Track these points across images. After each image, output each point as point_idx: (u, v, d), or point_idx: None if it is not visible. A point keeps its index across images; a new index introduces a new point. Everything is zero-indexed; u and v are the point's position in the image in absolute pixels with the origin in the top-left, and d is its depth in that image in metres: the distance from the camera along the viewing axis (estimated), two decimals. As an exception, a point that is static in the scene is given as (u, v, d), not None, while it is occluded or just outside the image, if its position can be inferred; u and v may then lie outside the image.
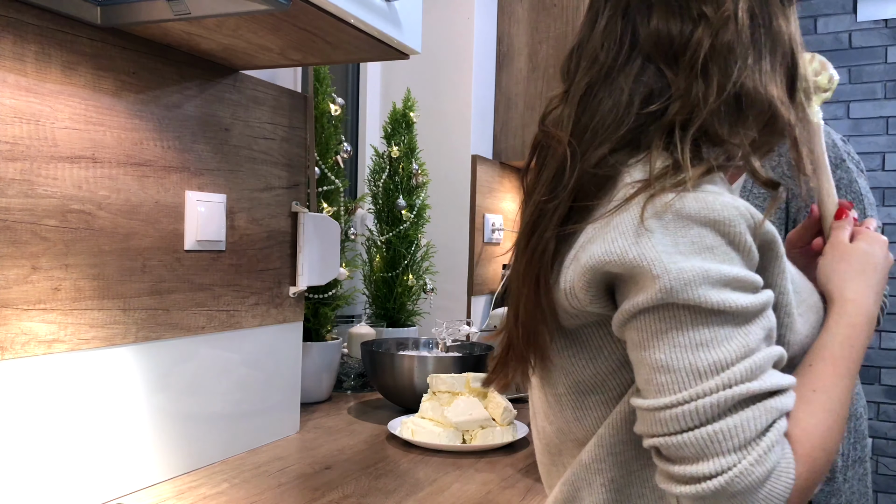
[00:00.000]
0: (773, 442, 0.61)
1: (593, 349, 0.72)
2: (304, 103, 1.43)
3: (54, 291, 0.94)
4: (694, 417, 0.61)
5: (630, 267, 0.64)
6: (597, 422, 0.73)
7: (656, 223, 0.64)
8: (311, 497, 1.08)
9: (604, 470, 0.72)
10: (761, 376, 0.62)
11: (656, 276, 0.62)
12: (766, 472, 0.60)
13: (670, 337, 0.63)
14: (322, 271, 1.46)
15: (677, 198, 0.64)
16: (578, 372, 0.73)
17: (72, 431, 0.97)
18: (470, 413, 1.37)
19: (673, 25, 0.72)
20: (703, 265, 0.62)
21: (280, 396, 1.39)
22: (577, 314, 0.70)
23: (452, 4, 2.33)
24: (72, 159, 0.96)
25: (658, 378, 0.63)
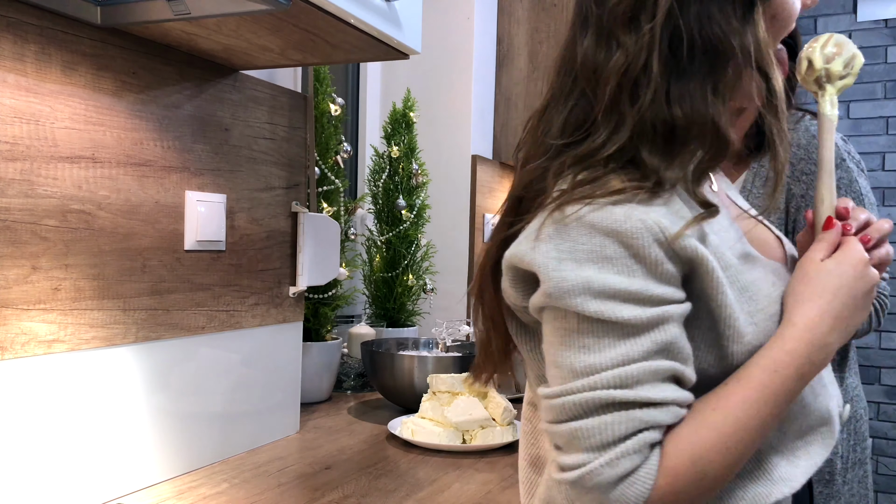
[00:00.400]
0: (631, 450, 0.64)
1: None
2: (304, 103, 1.43)
3: (54, 291, 0.94)
4: (564, 411, 0.65)
5: (528, 268, 0.68)
6: None
7: (555, 230, 0.67)
8: (311, 497, 1.08)
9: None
10: (635, 387, 0.64)
11: (542, 280, 0.66)
12: (617, 476, 0.63)
13: (560, 336, 0.67)
14: (322, 271, 1.46)
15: (587, 208, 0.66)
16: (538, 366, 0.76)
17: (72, 431, 0.97)
18: (470, 413, 1.36)
19: (599, 53, 0.73)
20: (589, 275, 0.65)
21: (280, 396, 1.39)
22: (521, 310, 0.73)
23: (452, 4, 2.33)
24: (72, 159, 0.96)
25: (550, 370, 0.68)
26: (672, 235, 0.65)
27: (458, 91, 2.35)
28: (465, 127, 2.34)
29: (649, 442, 0.64)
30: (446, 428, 1.35)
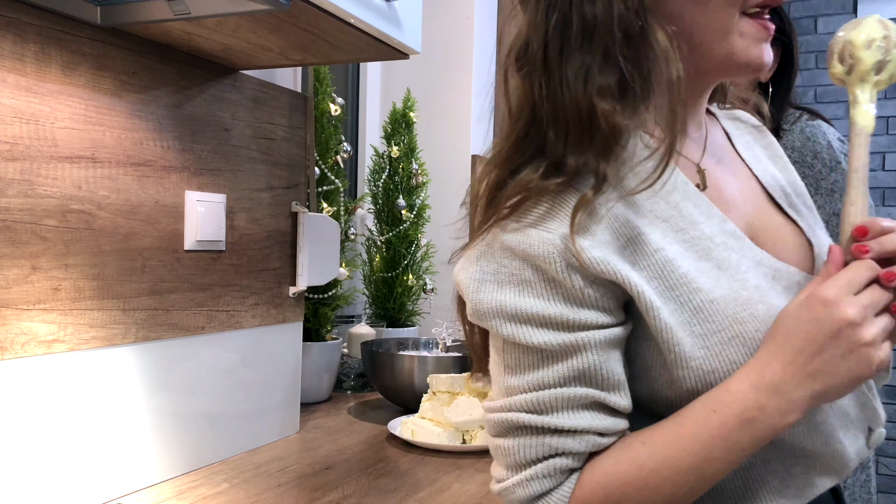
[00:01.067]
0: (541, 473, 0.65)
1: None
2: (304, 103, 1.43)
3: (54, 291, 0.94)
4: (491, 427, 0.68)
5: (458, 286, 0.71)
6: None
7: (483, 251, 0.68)
8: (311, 497, 1.08)
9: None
10: (548, 413, 0.64)
11: (465, 300, 0.69)
12: (528, 497, 0.65)
13: (494, 352, 0.69)
14: (322, 271, 1.46)
15: (508, 230, 0.66)
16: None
17: (72, 431, 0.97)
18: (470, 413, 1.36)
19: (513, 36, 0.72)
20: (504, 298, 0.65)
21: (280, 396, 1.39)
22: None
23: (452, 4, 2.33)
24: (72, 159, 0.96)
25: (492, 383, 0.71)
26: (578, 255, 0.62)
27: (458, 91, 2.35)
28: (465, 127, 2.34)
29: (560, 468, 0.64)
30: (446, 428, 1.35)
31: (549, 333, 0.64)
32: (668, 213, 0.68)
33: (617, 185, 0.66)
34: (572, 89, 0.64)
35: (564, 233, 0.63)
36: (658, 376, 0.67)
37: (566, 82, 0.65)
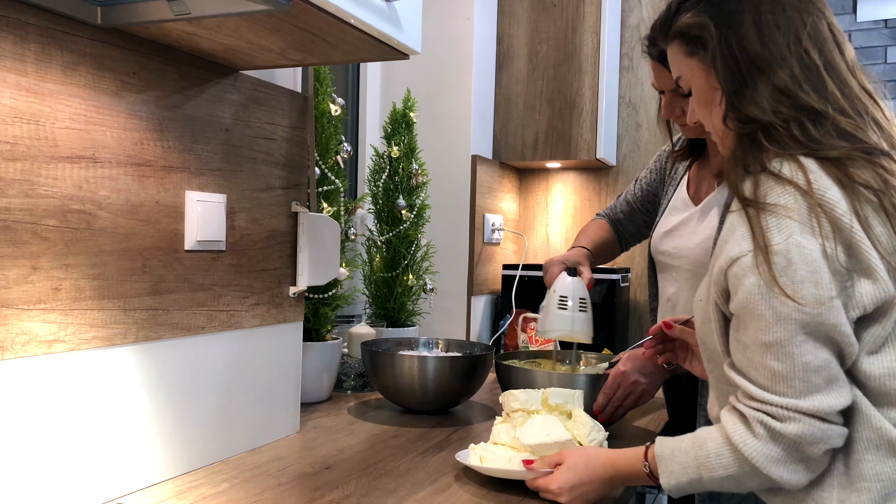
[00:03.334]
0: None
1: None
2: (304, 103, 1.43)
3: (54, 291, 0.94)
4: None
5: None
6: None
7: None
8: (311, 497, 1.08)
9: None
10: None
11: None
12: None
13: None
14: (322, 271, 1.46)
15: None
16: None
17: (72, 431, 0.97)
18: (547, 434, 1.16)
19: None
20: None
21: (280, 396, 1.39)
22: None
23: (452, 4, 2.34)
24: (72, 159, 0.96)
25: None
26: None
27: (458, 91, 2.35)
28: (465, 127, 2.35)
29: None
30: (519, 451, 1.16)
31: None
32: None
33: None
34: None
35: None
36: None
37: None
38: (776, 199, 0.88)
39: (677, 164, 1.62)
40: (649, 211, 1.73)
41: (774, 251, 0.86)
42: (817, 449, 0.86)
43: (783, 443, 0.87)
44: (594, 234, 1.74)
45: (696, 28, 0.99)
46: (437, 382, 1.56)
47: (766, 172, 0.91)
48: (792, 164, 0.90)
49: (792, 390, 0.86)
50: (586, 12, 2.38)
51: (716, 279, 0.93)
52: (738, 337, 0.92)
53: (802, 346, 0.85)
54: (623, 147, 2.59)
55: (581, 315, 1.50)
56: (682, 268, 1.50)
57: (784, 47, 0.93)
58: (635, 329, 2.52)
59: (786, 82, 0.92)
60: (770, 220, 0.87)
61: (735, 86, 0.95)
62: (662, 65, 1.40)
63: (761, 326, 0.87)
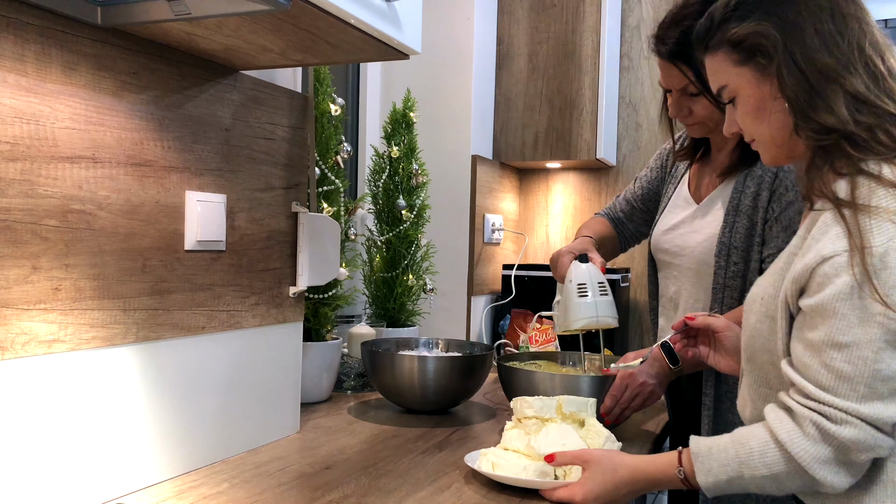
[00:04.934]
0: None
1: None
2: (304, 103, 1.43)
3: (54, 291, 0.94)
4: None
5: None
6: None
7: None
8: (311, 497, 1.08)
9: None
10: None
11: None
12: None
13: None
14: (322, 271, 1.46)
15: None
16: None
17: (72, 431, 0.97)
18: (563, 443, 1.15)
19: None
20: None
21: (280, 396, 1.39)
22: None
23: (452, 4, 2.34)
24: (72, 159, 0.96)
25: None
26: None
27: (458, 91, 2.35)
28: (465, 127, 2.35)
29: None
30: (534, 460, 1.14)
31: None
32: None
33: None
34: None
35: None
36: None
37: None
38: (878, 202, 0.87)
39: (678, 162, 1.62)
40: (650, 209, 1.72)
41: (872, 253, 0.85)
42: (865, 456, 0.87)
43: (834, 445, 0.87)
44: (596, 227, 1.72)
45: (756, 36, 0.97)
46: (437, 382, 1.56)
47: (863, 174, 0.90)
48: (893, 167, 0.90)
49: (855, 394, 0.86)
50: (586, 12, 2.38)
51: (797, 276, 0.91)
52: (805, 335, 0.91)
53: (881, 352, 0.85)
54: (623, 147, 2.58)
55: (604, 299, 1.45)
56: (683, 266, 1.50)
57: (850, 55, 0.93)
58: (635, 329, 2.52)
59: (859, 90, 0.92)
60: (871, 222, 0.86)
61: (806, 96, 0.94)
62: (672, 63, 1.39)
63: (840, 326, 0.86)
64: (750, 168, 1.41)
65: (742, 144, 1.42)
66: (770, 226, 1.37)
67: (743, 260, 1.38)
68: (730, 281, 1.39)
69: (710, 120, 1.42)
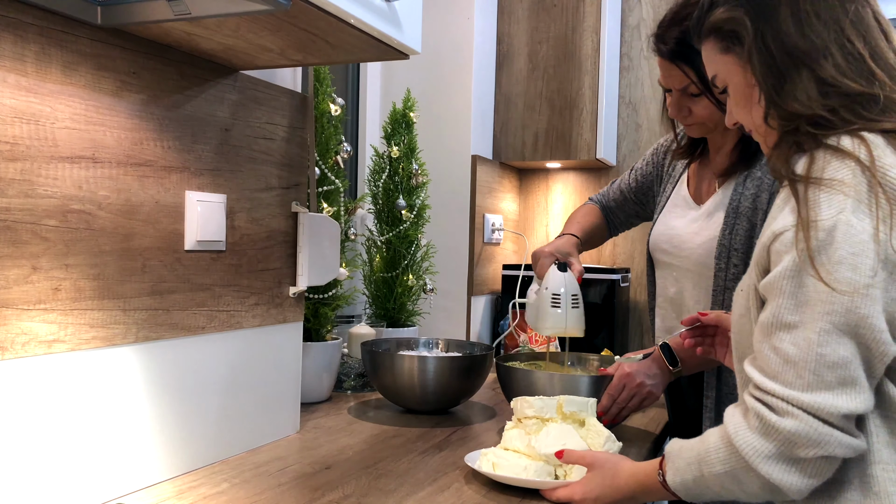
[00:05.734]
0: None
1: None
2: (304, 103, 1.43)
3: (54, 291, 0.94)
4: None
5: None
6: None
7: None
8: (311, 497, 1.08)
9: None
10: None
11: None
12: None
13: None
14: (322, 271, 1.46)
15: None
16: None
17: (72, 431, 0.97)
18: (563, 443, 1.15)
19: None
20: None
21: (280, 396, 1.39)
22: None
23: (452, 4, 2.34)
24: (72, 159, 0.96)
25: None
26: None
27: (458, 91, 2.35)
28: (465, 127, 2.35)
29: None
30: (535, 460, 1.15)
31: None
32: None
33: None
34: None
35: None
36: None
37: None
38: (832, 174, 0.82)
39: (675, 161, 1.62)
40: (642, 202, 1.73)
41: (819, 227, 0.80)
42: (811, 452, 0.81)
43: (776, 438, 0.82)
44: (584, 220, 1.73)
45: (730, 22, 0.95)
46: (437, 382, 1.56)
47: (822, 147, 0.86)
48: (854, 137, 0.85)
49: (800, 381, 0.81)
50: (586, 12, 2.38)
51: (758, 258, 0.88)
52: (760, 319, 0.87)
53: (823, 335, 0.80)
54: (623, 147, 2.58)
55: (574, 312, 1.52)
56: (682, 267, 1.50)
57: (826, 37, 0.89)
58: (635, 329, 2.52)
59: (831, 73, 0.88)
60: (820, 195, 0.82)
61: (773, 81, 0.91)
62: (672, 63, 1.39)
63: (787, 305, 0.82)
64: (749, 169, 1.41)
65: (740, 145, 1.42)
66: None
67: (743, 262, 1.38)
68: (730, 283, 1.39)
69: (710, 120, 1.42)
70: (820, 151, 0.86)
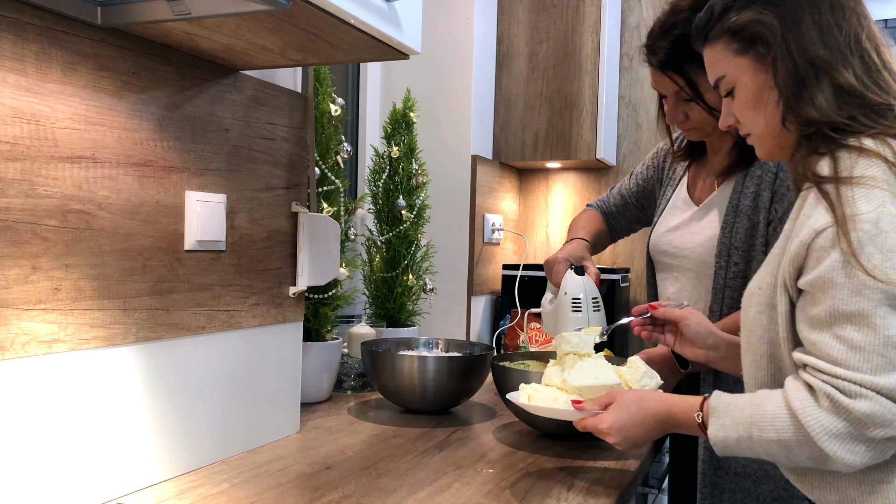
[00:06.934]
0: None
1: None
2: (304, 103, 1.43)
3: (54, 291, 0.94)
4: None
5: None
6: None
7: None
8: (311, 497, 1.08)
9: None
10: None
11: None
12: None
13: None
14: (322, 271, 1.46)
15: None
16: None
17: (72, 431, 0.97)
18: (596, 377, 1.16)
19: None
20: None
21: (280, 396, 1.39)
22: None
23: (452, 4, 2.34)
24: (72, 159, 0.96)
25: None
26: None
27: (458, 91, 2.35)
28: (465, 127, 2.35)
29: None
30: (568, 393, 1.16)
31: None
32: None
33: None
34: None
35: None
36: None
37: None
38: (862, 171, 0.87)
39: (676, 164, 1.62)
40: (643, 206, 1.73)
41: (863, 219, 0.84)
42: (882, 432, 0.83)
43: (848, 419, 0.84)
44: (589, 224, 1.73)
45: (756, 25, 0.98)
46: (436, 382, 1.56)
47: (844, 148, 0.90)
48: (875, 139, 0.89)
49: (869, 365, 0.83)
50: (586, 12, 2.38)
51: (794, 255, 0.90)
52: (809, 314, 0.89)
53: (887, 318, 0.82)
54: (623, 147, 2.58)
55: (596, 315, 1.48)
56: (683, 267, 1.50)
57: (845, 47, 0.94)
58: (635, 329, 2.52)
59: (850, 82, 0.92)
60: (856, 191, 0.86)
61: (793, 87, 0.95)
62: (662, 72, 1.40)
63: (841, 297, 0.84)
64: (748, 169, 1.41)
65: (739, 146, 1.42)
66: (774, 227, 1.37)
67: (744, 260, 1.38)
68: (731, 281, 1.39)
69: (708, 125, 1.42)
70: (843, 152, 0.89)
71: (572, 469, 1.25)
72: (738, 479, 1.39)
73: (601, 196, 1.83)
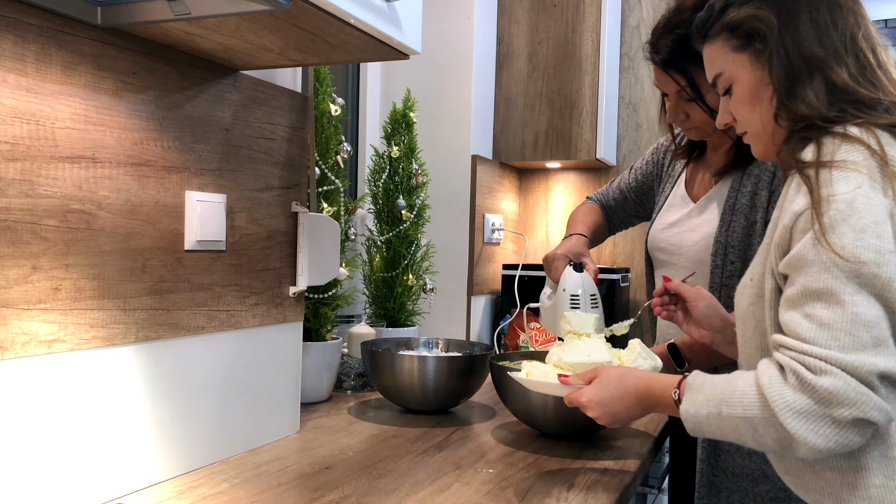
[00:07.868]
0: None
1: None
2: (304, 103, 1.43)
3: (54, 291, 0.94)
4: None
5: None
6: None
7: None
8: (311, 497, 1.08)
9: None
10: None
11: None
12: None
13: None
14: (322, 271, 1.46)
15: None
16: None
17: (72, 431, 0.97)
18: (588, 354, 1.19)
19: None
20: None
21: (280, 396, 1.39)
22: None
23: (452, 4, 2.34)
24: (72, 159, 0.96)
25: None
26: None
27: (458, 91, 2.35)
28: (465, 127, 2.35)
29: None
30: (562, 370, 1.19)
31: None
32: None
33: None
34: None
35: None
36: None
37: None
38: (844, 156, 0.87)
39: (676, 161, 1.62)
40: (642, 202, 1.73)
41: (838, 199, 0.84)
42: (847, 412, 0.81)
43: (812, 396, 0.82)
44: (588, 218, 1.73)
45: (753, 20, 0.98)
46: (436, 382, 1.56)
47: (829, 134, 0.90)
48: (860, 127, 0.90)
49: (836, 342, 0.82)
50: (586, 12, 2.38)
51: (778, 241, 0.91)
52: (786, 294, 0.89)
53: (854, 296, 0.82)
54: (623, 147, 2.59)
55: (594, 312, 1.49)
56: (680, 264, 1.50)
57: (840, 45, 0.95)
58: (635, 329, 2.52)
59: (844, 79, 0.93)
60: (835, 174, 0.86)
61: (787, 84, 0.96)
62: (664, 71, 1.40)
63: (811, 275, 0.84)
64: (746, 167, 1.41)
65: (738, 145, 1.42)
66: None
67: (740, 259, 1.38)
68: (727, 280, 1.39)
69: (708, 125, 1.42)
70: (827, 138, 0.90)
71: (572, 469, 1.25)
72: (735, 479, 1.39)
73: (600, 189, 1.83)
